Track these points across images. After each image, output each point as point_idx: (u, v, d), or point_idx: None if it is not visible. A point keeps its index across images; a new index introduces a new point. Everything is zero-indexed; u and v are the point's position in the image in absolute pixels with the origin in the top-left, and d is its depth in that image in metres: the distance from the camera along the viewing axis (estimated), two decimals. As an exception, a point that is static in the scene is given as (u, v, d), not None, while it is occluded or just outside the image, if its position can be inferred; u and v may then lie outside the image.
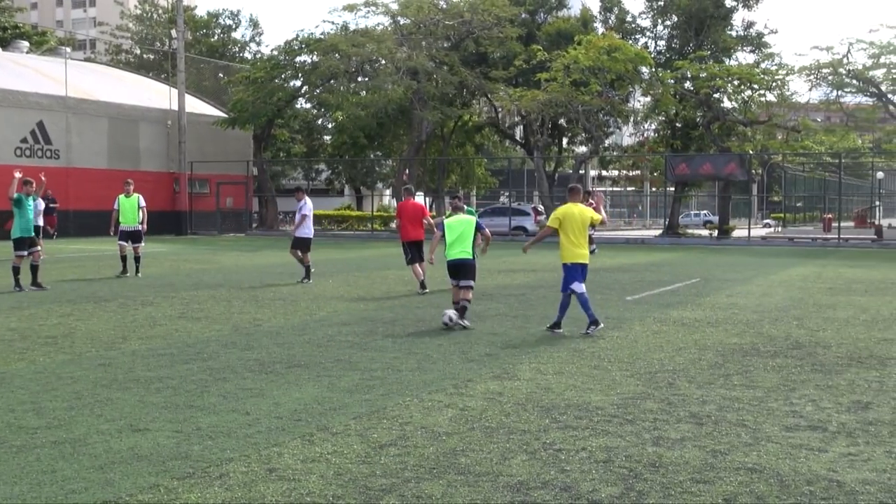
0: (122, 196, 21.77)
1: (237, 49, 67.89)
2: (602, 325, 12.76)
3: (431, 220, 19.12)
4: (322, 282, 19.94)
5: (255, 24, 69.41)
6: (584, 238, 12.68)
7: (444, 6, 48.96)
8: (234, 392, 8.54)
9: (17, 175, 17.95)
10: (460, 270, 13.76)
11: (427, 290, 17.77)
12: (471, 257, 13.88)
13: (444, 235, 14.06)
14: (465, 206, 19.53)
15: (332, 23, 53.91)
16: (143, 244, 21.88)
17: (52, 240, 37.22)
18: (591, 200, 21.77)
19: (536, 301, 16.46)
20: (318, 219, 55.06)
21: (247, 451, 6.57)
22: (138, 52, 73.91)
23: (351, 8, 48.90)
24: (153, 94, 51.12)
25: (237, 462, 6.29)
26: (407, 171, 50.87)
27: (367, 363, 10.10)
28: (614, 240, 44.07)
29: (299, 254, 20.34)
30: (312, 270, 20.34)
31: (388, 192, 67.18)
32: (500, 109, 50.37)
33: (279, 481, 5.90)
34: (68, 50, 58.94)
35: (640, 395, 8.54)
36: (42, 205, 21.01)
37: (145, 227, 21.84)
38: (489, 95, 49.41)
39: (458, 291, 13.69)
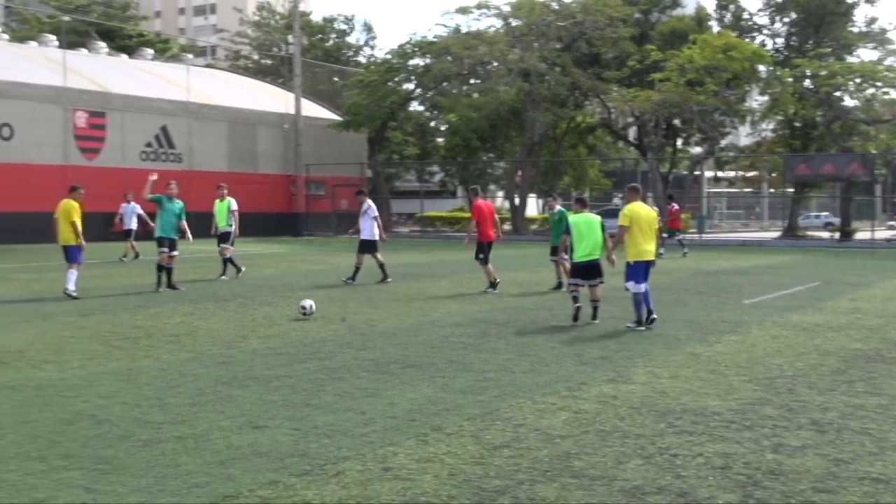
0: (217, 200, 21.98)
1: (351, 53, 68.78)
2: (644, 328, 12.95)
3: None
4: (435, 283, 20.07)
5: (368, 28, 70.37)
6: (651, 236, 13.07)
7: (557, 7, 48.72)
8: (350, 391, 8.67)
9: (152, 178, 18.53)
10: (591, 271, 13.79)
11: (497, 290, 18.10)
12: (599, 258, 13.84)
13: (570, 234, 14.09)
14: (557, 207, 19.50)
15: (445, 26, 54.13)
16: (231, 246, 21.81)
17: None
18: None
19: (651, 304, 16.23)
20: (430, 220, 55.65)
21: (362, 449, 6.66)
22: (256, 57, 75.50)
23: (463, 10, 49.08)
24: (271, 99, 52.21)
25: (353, 460, 6.39)
26: (520, 172, 50.81)
27: (481, 364, 10.13)
28: (730, 242, 43.18)
29: (378, 256, 20.32)
30: (359, 271, 20.20)
31: (500, 193, 67.16)
32: (613, 110, 49.88)
33: (394, 480, 5.96)
34: (190, 56, 60.71)
35: (759, 401, 8.35)
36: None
37: (237, 230, 21.91)
38: (602, 96, 48.97)
39: (593, 290, 13.88)
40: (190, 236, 19.12)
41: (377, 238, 20.36)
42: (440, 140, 61.58)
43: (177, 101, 44.28)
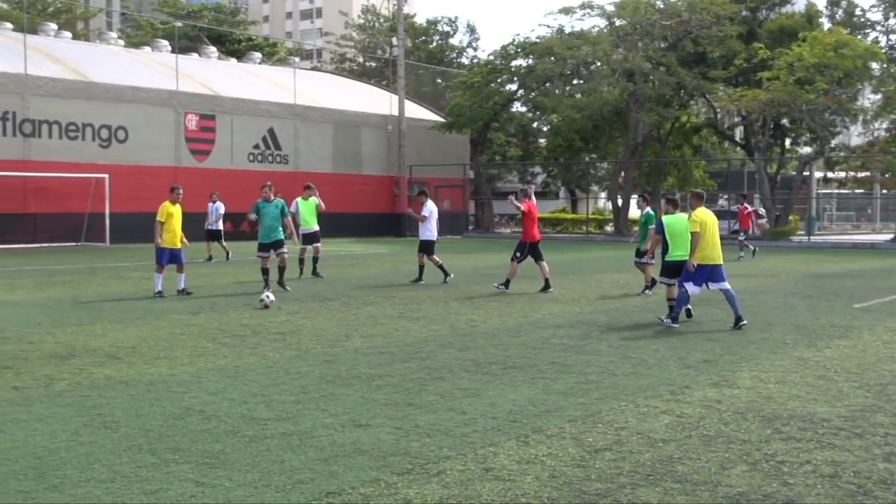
0: (300, 199, 22.16)
1: (455, 55, 69.09)
2: (678, 326, 13.42)
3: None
4: (537, 284, 19.99)
5: (472, 29, 70.48)
6: (716, 241, 13.53)
7: (662, 6, 48.13)
8: (451, 391, 8.71)
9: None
10: (680, 271, 13.82)
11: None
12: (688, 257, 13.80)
13: (663, 234, 14.30)
14: (646, 209, 19.29)
15: (548, 26, 53.95)
16: (320, 245, 22.20)
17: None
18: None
19: (757, 307, 15.93)
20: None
21: (463, 449, 6.69)
22: (361, 60, 76.44)
23: (567, 11, 48.85)
24: (375, 101, 52.78)
25: (454, 460, 6.42)
26: (623, 173, 50.35)
27: (582, 366, 10.08)
28: (841, 244, 42.02)
29: (436, 258, 20.55)
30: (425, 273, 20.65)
31: (603, 194, 66.64)
32: (719, 110, 49.03)
33: (495, 481, 5.98)
34: (297, 60, 61.72)
35: (870, 408, 8.12)
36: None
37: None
38: (708, 96, 48.18)
39: (672, 290, 14.11)
40: (296, 237, 19.21)
41: (434, 239, 20.83)
42: (542, 141, 61.40)
43: (283, 104, 45.10)
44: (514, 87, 52.05)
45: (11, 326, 12.92)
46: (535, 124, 60.23)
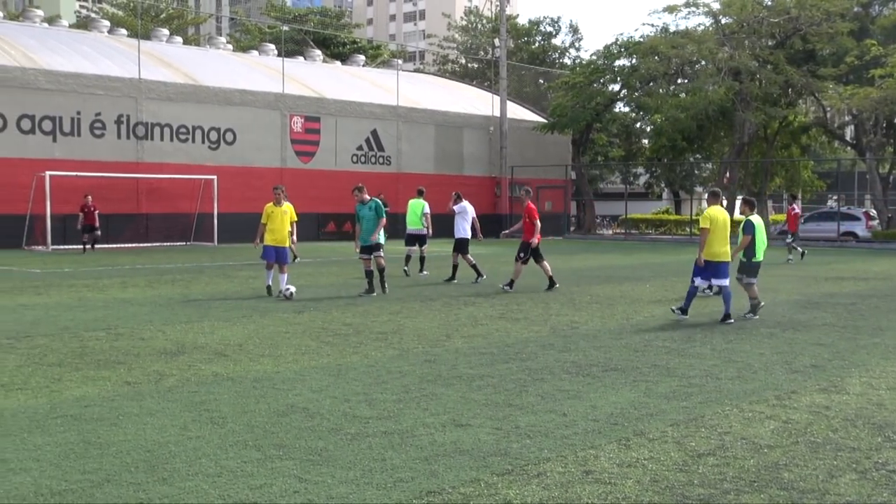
0: (411, 200, 22.74)
1: (557, 55, 68.79)
2: (686, 318, 14.10)
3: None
4: (639, 286, 19.82)
5: (574, 29, 70.04)
6: (725, 238, 14.18)
7: (770, 3, 47.10)
8: (552, 393, 8.69)
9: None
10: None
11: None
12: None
13: (753, 237, 14.58)
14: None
15: (652, 25, 53.47)
16: (426, 246, 23.08)
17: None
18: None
19: (868, 311, 15.49)
20: (634, 223, 54.91)
21: (563, 451, 6.67)
22: (463, 61, 76.69)
23: (671, 9, 48.20)
24: (476, 102, 52.89)
25: (554, 462, 6.41)
26: (728, 174, 49.44)
27: (685, 370, 9.94)
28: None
29: (470, 258, 20.92)
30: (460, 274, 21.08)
31: (707, 195, 65.51)
32: (828, 109, 47.75)
33: (595, 484, 5.95)
34: (399, 62, 62.23)
35: None
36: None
37: (430, 230, 22.92)
38: (817, 94, 46.94)
39: (753, 289, 14.74)
40: (379, 236, 18.16)
41: (468, 238, 21.50)
42: (645, 141, 60.70)
43: (386, 106, 45.52)
44: (616, 87, 51.59)
45: (124, 323, 13.33)
46: (638, 124, 59.58)
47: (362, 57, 59.31)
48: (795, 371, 9.94)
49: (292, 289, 16.92)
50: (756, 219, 14.71)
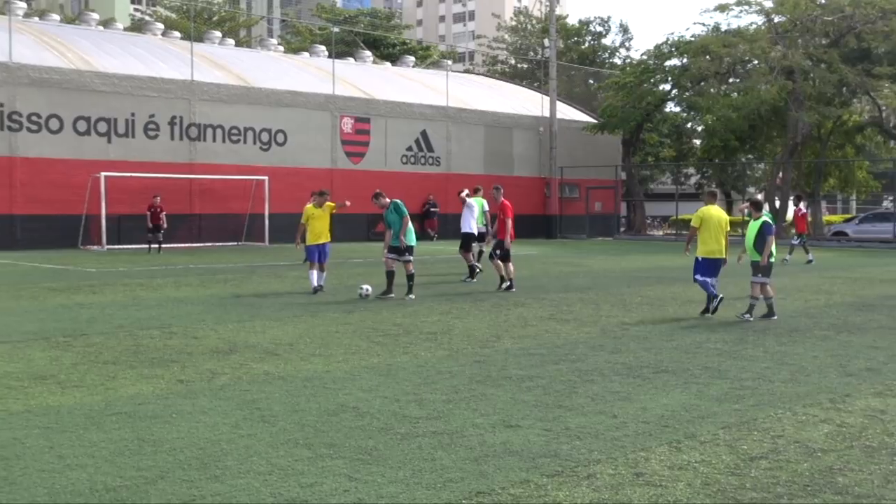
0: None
1: (607, 55, 68.45)
2: (710, 315, 14.59)
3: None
4: (690, 287, 19.63)
5: (624, 29, 69.65)
6: (721, 237, 14.71)
7: (823, 1, 46.47)
8: (602, 394, 8.65)
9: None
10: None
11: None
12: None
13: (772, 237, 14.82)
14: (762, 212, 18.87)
15: (703, 24, 53.01)
16: (484, 244, 22.65)
17: (432, 242, 39.58)
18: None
19: (926, 314, 15.22)
20: (685, 223, 54.37)
21: (614, 453, 6.64)
22: (513, 62, 76.59)
23: (723, 8, 47.75)
24: (526, 102, 52.79)
25: (604, 464, 6.38)
26: (780, 174, 48.86)
27: (737, 372, 9.85)
28: None
29: (469, 256, 21.00)
30: (478, 272, 21.10)
31: (759, 196, 64.77)
32: (884, 108, 46.95)
33: (646, 486, 5.91)
34: (449, 63, 62.30)
35: None
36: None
37: (490, 229, 22.47)
38: (872, 93, 46.20)
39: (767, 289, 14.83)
40: (409, 237, 17.91)
41: (468, 231, 21.22)
42: (697, 141, 60.18)
43: (436, 107, 45.60)
44: (667, 86, 51.20)
45: (177, 322, 13.50)
46: (689, 124, 59.11)
47: (412, 58, 59.46)
48: (850, 374, 9.81)
49: (369, 288, 17.16)
50: (762, 219, 14.75)
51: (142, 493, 5.67)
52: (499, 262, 19.12)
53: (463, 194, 21.92)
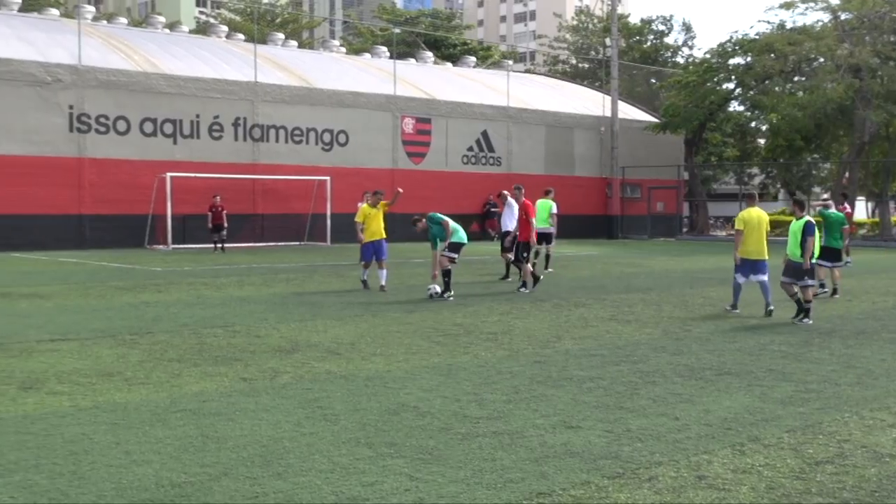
0: (539, 200, 23.37)
1: (669, 54, 67.84)
2: (738, 311, 15.04)
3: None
4: (754, 288, 19.39)
5: (687, 28, 68.98)
6: (762, 238, 14.87)
7: (892, -2, 45.59)
8: (664, 396, 8.59)
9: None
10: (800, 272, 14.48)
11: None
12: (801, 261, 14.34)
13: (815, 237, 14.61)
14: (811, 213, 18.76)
15: (768, 22, 52.09)
16: (553, 245, 23.88)
17: (492, 242, 39.52)
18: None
19: None
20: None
21: (676, 456, 6.58)
22: (574, 61, 76.26)
23: (788, 5, 47.06)
24: (587, 102, 52.52)
25: (666, 466, 6.33)
26: (847, 174, 48.02)
27: (802, 375, 9.70)
28: None
29: (509, 255, 20.69)
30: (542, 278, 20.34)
31: (825, 196, 63.68)
32: (955, 106, 45.93)
33: (708, 489, 5.85)
34: (510, 63, 62.20)
35: None
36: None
37: (555, 230, 23.70)
38: (943, 91, 45.21)
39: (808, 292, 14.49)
40: (456, 235, 18.04)
41: (507, 229, 21.00)
42: (761, 141, 59.38)
43: (497, 107, 45.57)
44: (731, 85, 50.57)
45: (240, 321, 13.66)
46: (753, 124, 58.33)
47: (473, 58, 59.46)
48: (919, 378, 9.61)
49: (438, 289, 17.20)
50: (805, 219, 14.43)
51: (206, 490, 5.75)
52: (523, 264, 18.93)
53: (507, 194, 21.98)
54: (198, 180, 34.26)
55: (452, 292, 17.23)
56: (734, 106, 54.55)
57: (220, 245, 31.72)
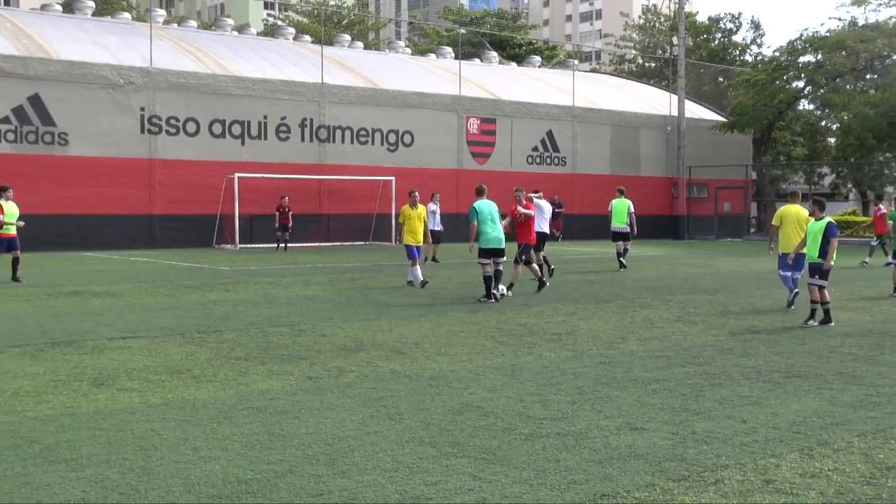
0: (614, 200, 24.57)
1: (737, 52, 66.92)
2: (793, 307, 15.60)
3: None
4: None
5: (756, 25, 67.97)
6: (799, 233, 15.32)
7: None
8: (730, 398, 8.49)
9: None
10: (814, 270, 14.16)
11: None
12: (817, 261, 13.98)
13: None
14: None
15: (839, 19, 51.25)
16: (630, 243, 24.90)
17: (556, 242, 39.40)
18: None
19: None
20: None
21: (742, 459, 6.51)
22: (640, 60, 75.63)
23: (860, 2, 46.19)
24: (653, 101, 52.06)
25: (732, 469, 6.26)
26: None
27: (873, 378, 9.52)
28: None
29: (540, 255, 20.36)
30: (546, 278, 19.74)
31: (899, 196, 62.35)
32: None
33: (776, 493, 5.78)
34: (576, 62, 61.93)
35: None
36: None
37: (635, 229, 24.87)
38: None
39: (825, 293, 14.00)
40: (488, 237, 17.08)
41: (545, 231, 20.92)
42: (831, 140, 58.31)
43: (562, 106, 45.38)
44: (800, 84, 49.75)
45: (306, 320, 13.80)
46: (823, 122, 57.30)
47: (538, 58, 59.27)
48: None
49: (504, 289, 17.28)
50: (826, 220, 13.96)
51: (271, 487, 5.82)
52: (526, 266, 18.24)
53: (533, 195, 21.74)
54: (264, 181, 34.64)
55: (493, 300, 16.58)
56: (804, 104, 53.67)
57: (283, 244, 32.16)
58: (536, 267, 18.73)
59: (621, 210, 24.33)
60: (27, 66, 31.06)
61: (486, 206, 17.27)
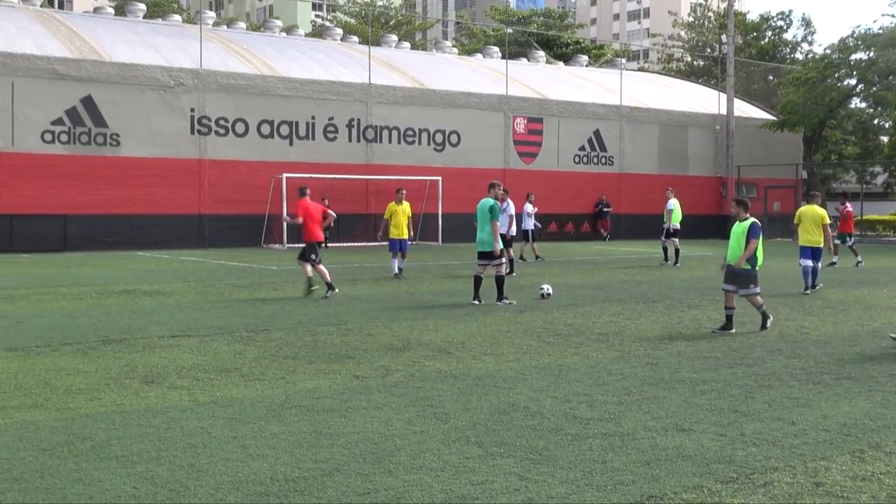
0: (673, 200, 26.24)
1: (788, 50, 66.15)
2: (809, 292, 18.19)
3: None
4: (875, 291, 18.83)
5: (807, 23, 67.13)
6: (816, 229, 18.61)
7: None
8: (780, 400, 8.40)
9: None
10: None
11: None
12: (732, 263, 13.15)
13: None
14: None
15: (892, 16, 50.52)
16: (677, 240, 26.38)
17: (604, 242, 39.26)
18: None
19: None
20: (871, 224, 52.06)
21: (792, 461, 6.44)
22: (689, 59, 75.04)
23: (914, -1, 45.46)
24: (702, 100, 51.61)
25: (782, 472, 6.20)
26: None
27: (927, 381, 9.37)
28: None
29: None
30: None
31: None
32: None
33: (826, 497, 5.71)
34: (623, 61, 61.56)
35: None
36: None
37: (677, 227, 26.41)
38: None
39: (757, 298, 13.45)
40: (497, 246, 16.31)
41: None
42: (884, 138, 57.43)
43: (609, 106, 45.15)
44: (852, 81, 49.06)
45: (353, 319, 13.87)
46: (875, 121, 56.46)
47: (585, 57, 59.01)
48: None
49: (549, 288, 17.38)
50: (750, 221, 13.27)
51: (319, 485, 5.87)
52: (320, 266, 17.61)
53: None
54: (312, 181, 34.84)
55: (478, 301, 16.06)
56: (855, 103, 52.93)
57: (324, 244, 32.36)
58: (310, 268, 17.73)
59: (679, 210, 26.69)
60: (80, 68, 31.53)
61: (479, 206, 16.53)
